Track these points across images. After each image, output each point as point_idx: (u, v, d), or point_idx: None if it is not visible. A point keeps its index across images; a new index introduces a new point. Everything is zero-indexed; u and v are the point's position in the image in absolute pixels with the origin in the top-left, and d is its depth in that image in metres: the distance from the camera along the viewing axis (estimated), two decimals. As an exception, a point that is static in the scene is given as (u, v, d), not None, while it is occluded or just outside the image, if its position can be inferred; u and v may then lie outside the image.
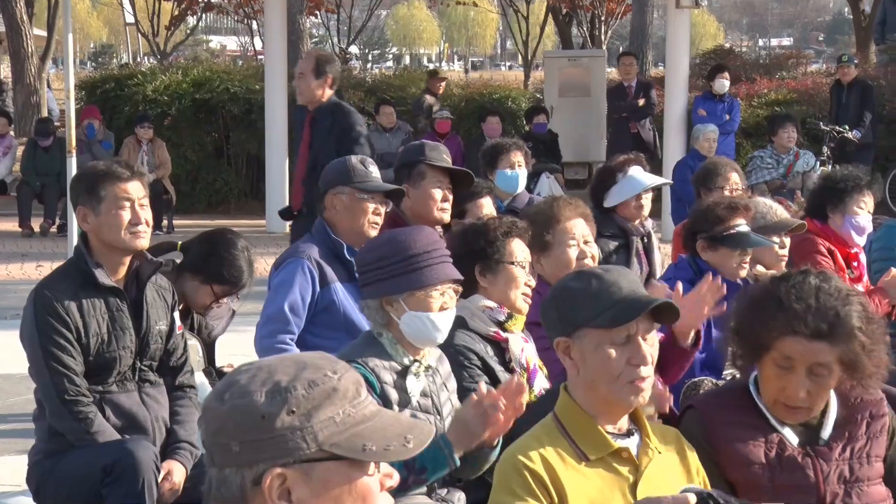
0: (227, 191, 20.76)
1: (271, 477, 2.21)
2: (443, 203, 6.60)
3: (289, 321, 5.84)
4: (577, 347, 3.59)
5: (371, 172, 6.10)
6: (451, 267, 4.57)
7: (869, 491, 3.91)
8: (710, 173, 8.26)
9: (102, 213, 5.27)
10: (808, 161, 14.96)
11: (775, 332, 3.86)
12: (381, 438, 2.26)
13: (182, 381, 5.57)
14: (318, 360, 2.30)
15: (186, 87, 20.76)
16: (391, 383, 4.44)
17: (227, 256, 6.15)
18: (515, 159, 8.31)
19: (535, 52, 35.99)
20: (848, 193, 7.13)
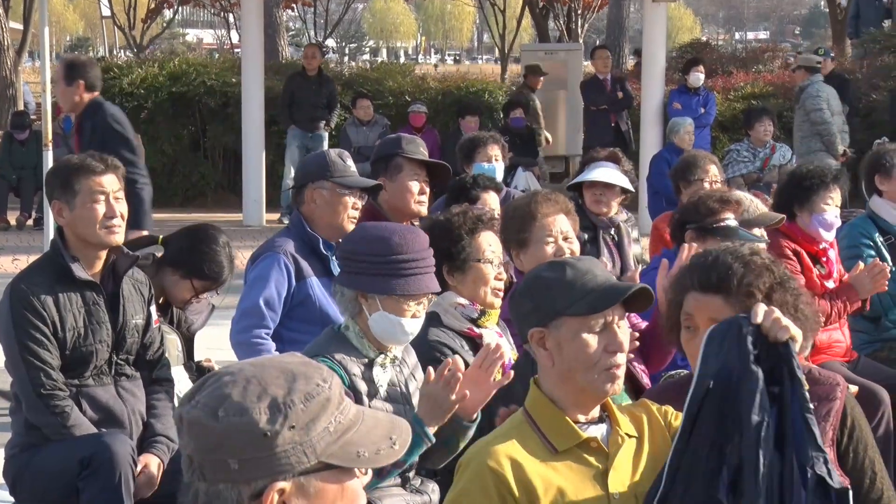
0: (203, 184, 20.73)
1: (273, 492, 2.20)
2: (420, 196, 6.61)
3: (264, 316, 5.84)
4: (553, 337, 3.60)
5: (349, 167, 6.12)
6: (433, 279, 4.60)
7: None
8: (689, 166, 8.29)
9: (77, 208, 5.27)
10: (785, 154, 14.96)
11: (678, 294, 3.89)
12: (370, 443, 2.27)
13: (159, 375, 5.57)
14: (306, 369, 2.28)
15: (163, 81, 20.72)
16: (359, 375, 4.47)
17: (208, 252, 6.15)
18: (492, 153, 8.34)
19: (511, 46, 35.96)
20: (814, 191, 7.08)
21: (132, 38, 35.63)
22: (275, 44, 24.16)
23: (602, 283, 3.63)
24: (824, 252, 7.10)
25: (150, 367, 5.55)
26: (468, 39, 77.63)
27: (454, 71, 29.40)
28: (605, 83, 18.37)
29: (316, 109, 18.30)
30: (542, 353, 3.63)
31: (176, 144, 20.64)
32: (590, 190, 7.82)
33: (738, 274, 3.80)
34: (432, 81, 22.31)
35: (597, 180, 7.82)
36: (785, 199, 7.18)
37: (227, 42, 43.11)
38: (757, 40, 49.89)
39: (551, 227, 5.65)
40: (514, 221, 5.71)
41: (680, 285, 3.92)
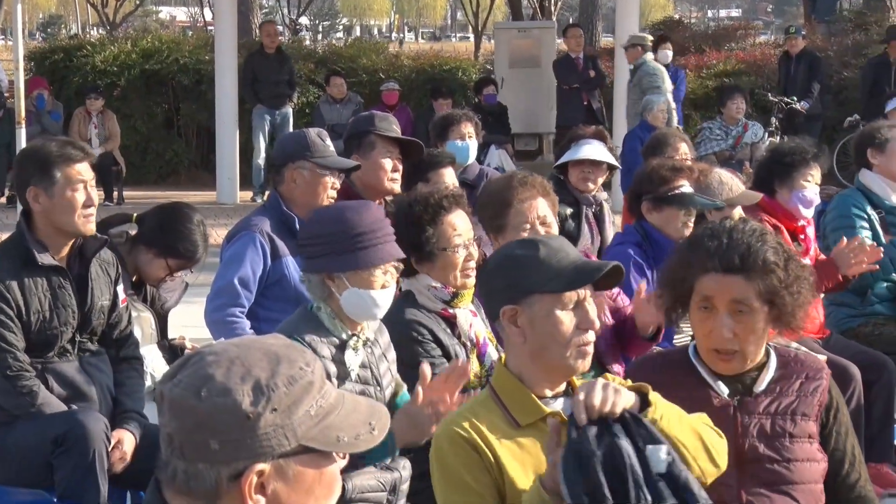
0: (177, 162, 20.71)
1: (252, 474, 2.20)
2: (393, 173, 6.60)
3: (239, 294, 5.84)
4: (525, 314, 3.60)
5: (329, 147, 6.12)
6: (394, 246, 4.59)
7: (793, 447, 3.91)
8: (659, 144, 8.35)
9: (56, 196, 5.21)
10: (757, 132, 15.02)
11: (693, 274, 3.90)
12: (350, 428, 2.26)
13: (127, 354, 5.56)
14: (289, 352, 2.28)
15: (136, 58, 20.68)
16: (329, 357, 4.45)
17: (183, 230, 6.14)
18: (466, 130, 8.33)
19: (485, 24, 35.96)
20: (795, 167, 7.14)
21: (105, 16, 35.49)
22: (248, 21, 24.06)
23: (574, 260, 3.65)
24: (802, 229, 7.15)
25: (118, 346, 5.53)
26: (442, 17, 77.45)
27: (428, 49, 29.33)
28: (577, 62, 18.38)
29: (279, 87, 18.36)
30: (513, 331, 3.63)
31: (149, 122, 20.62)
32: (577, 167, 7.82)
33: (760, 252, 3.85)
34: (406, 59, 22.30)
35: (585, 158, 7.84)
36: (765, 176, 7.22)
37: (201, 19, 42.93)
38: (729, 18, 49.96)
39: (528, 213, 5.56)
40: (491, 208, 5.66)
41: (691, 266, 3.93)
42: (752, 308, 3.86)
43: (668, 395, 3.87)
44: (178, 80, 20.56)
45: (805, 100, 17.16)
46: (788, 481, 3.88)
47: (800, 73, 17.66)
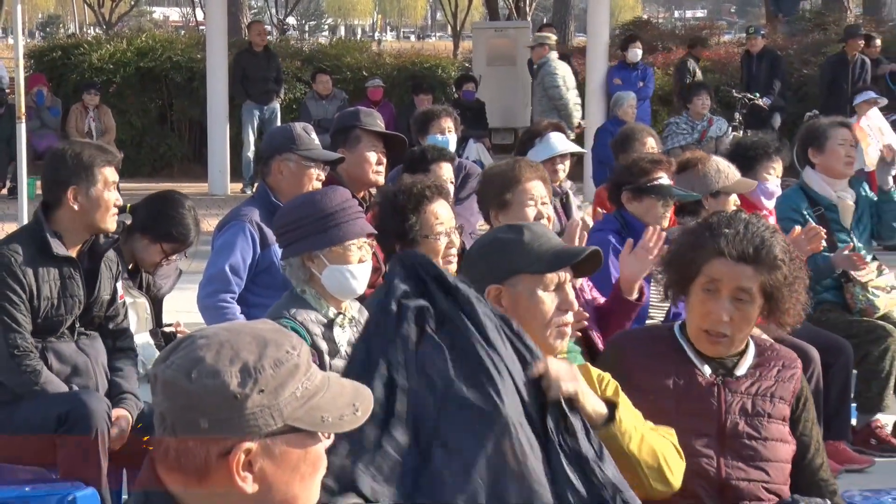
0: (170, 155, 20.66)
1: (240, 451, 2.21)
2: (377, 166, 6.62)
3: (230, 281, 5.85)
4: (509, 294, 3.65)
5: (314, 140, 6.18)
6: (364, 222, 4.65)
7: (769, 427, 3.95)
8: (627, 138, 8.36)
9: (94, 196, 5.31)
10: (721, 127, 15.06)
11: (705, 255, 3.92)
12: (334, 409, 2.27)
13: (123, 345, 5.61)
14: (277, 336, 2.29)
15: (131, 56, 20.63)
16: (320, 335, 4.49)
17: (175, 216, 6.15)
18: (445, 125, 8.34)
19: (463, 24, 35.96)
20: (758, 160, 7.21)
21: (101, 16, 35.39)
22: (238, 21, 24.03)
23: (556, 245, 3.71)
24: (765, 219, 7.17)
25: (114, 337, 5.58)
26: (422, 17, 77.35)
27: (409, 47, 29.34)
28: (551, 59, 18.35)
29: (267, 83, 18.40)
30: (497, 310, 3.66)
31: (144, 117, 20.57)
32: (548, 160, 7.83)
33: (773, 247, 3.89)
34: (388, 58, 22.29)
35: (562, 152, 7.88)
36: None
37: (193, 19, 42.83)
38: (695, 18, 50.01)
39: (533, 191, 5.68)
40: (496, 184, 5.74)
41: (703, 248, 3.95)
42: (752, 298, 3.90)
43: (653, 367, 3.90)
44: (171, 77, 20.52)
45: (766, 96, 17.20)
46: (764, 458, 3.93)
47: (762, 70, 17.69)
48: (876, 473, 6.79)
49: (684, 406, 3.90)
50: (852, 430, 7.21)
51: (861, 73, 17.36)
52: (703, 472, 3.86)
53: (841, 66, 17.58)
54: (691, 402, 3.92)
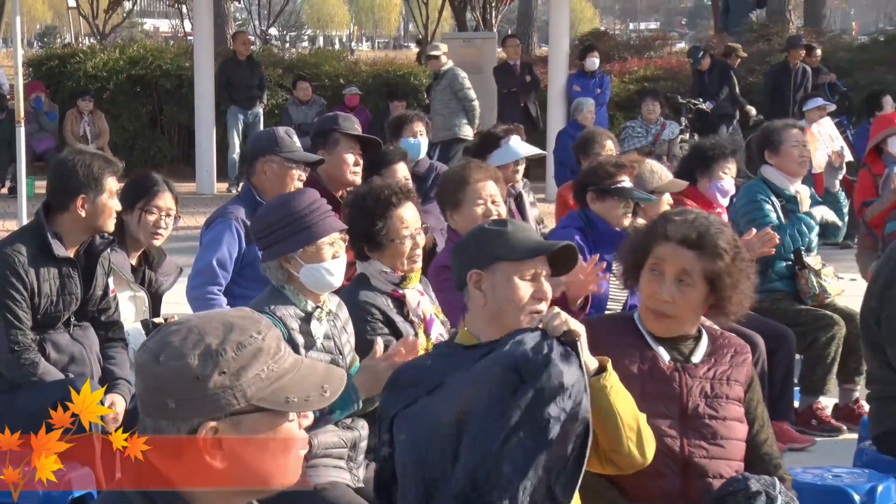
0: (161, 157, 20.57)
1: (205, 430, 2.20)
2: (354, 167, 6.62)
3: (216, 274, 5.85)
4: (489, 279, 3.70)
5: (295, 143, 6.19)
6: (334, 220, 4.61)
7: (727, 407, 3.99)
8: (588, 141, 8.39)
9: (100, 203, 5.32)
10: (673, 130, 15.11)
11: (652, 240, 3.99)
12: (301, 390, 2.25)
13: (114, 336, 5.60)
14: (244, 322, 2.28)
15: (123, 65, 20.55)
16: (297, 329, 4.46)
17: (139, 178, 6.12)
18: (417, 129, 8.33)
19: (433, 34, 35.89)
20: (715, 161, 7.27)
21: (96, 27, 35.16)
22: (223, 32, 23.94)
23: (536, 238, 3.82)
24: (719, 216, 7.21)
25: (106, 329, 5.57)
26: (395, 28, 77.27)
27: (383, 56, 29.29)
28: (515, 68, 18.37)
29: (251, 90, 18.38)
30: (476, 294, 3.73)
31: (136, 122, 20.49)
32: (507, 167, 7.74)
33: (715, 237, 3.94)
34: (364, 66, 22.25)
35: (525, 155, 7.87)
36: (689, 168, 7.33)
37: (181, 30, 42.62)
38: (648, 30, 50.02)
39: (482, 191, 5.76)
40: (450, 185, 5.85)
41: (653, 233, 4.02)
42: (694, 282, 3.94)
43: (619, 353, 3.93)
44: (161, 84, 20.45)
45: (710, 101, 17.21)
46: (722, 436, 3.96)
47: (713, 80, 17.72)
48: (817, 452, 6.82)
49: (648, 389, 3.92)
50: (795, 411, 7.25)
51: (803, 80, 17.42)
52: (668, 451, 3.89)
53: (784, 74, 17.63)
54: (655, 385, 3.95)
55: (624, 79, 20.46)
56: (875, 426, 5.33)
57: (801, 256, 7.32)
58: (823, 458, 6.27)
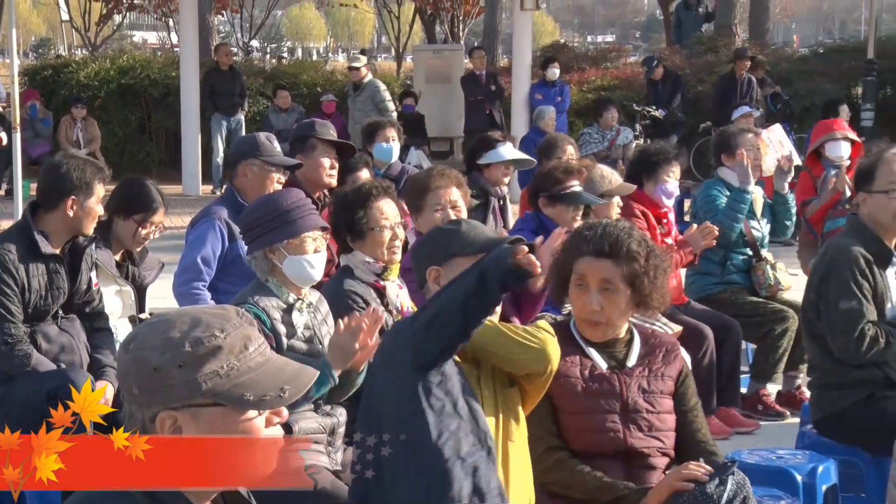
0: (149, 161, 20.47)
1: (162, 418, 2.19)
2: (330, 170, 6.64)
3: (201, 271, 5.83)
4: (446, 275, 3.74)
5: (275, 147, 6.19)
6: (317, 217, 4.65)
7: (661, 401, 4.03)
8: (551, 146, 8.41)
9: (87, 207, 5.30)
10: (627, 136, 15.17)
11: (573, 257, 4.02)
12: (260, 389, 2.20)
13: (99, 325, 5.58)
14: (211, 319, 2.24)
15: (114, 74, 20.45)
16: (280, 319, 4.47)
17: (138, 189, 6.06)
18: (390, 134, 8.33)
19: (405, 46, 35.87)
20: (659, 165, 7.29)
21: (87, 39, 34.97)
22: (207, 44, 23.82)
23: (489, 235, 3.86)
24: (665, 214, 7.28)
25: (91, 319, 5.55)
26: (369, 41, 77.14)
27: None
28: (481, 78, 18.37)
29: (233, 98, 18.34)
30: (435, 289, 3.76)
31: (125, 128, 20.39)
32: (498, 166, 7.81)
33: (626, 243, 3.97)
34: (340, 75, 22.21)
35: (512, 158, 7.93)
36: (636, 172, 7.35)
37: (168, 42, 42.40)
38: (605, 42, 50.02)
39: (442, 197, 5.73)
40: (413, 190, 5.85)
41: (571, 251, 4.05)
42: (616, 288, 3.98)
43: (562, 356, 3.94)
44: (149, 92, 20.36)
45: (662, 109, 17.26)
46: (659, 428, 4.00)
47: (666, 89, 17.77)
48: (762, 436, 6.84)
49: (591, 388, 3.97)
50: (742, 397, 7.27)
51: (748, 89, 17.48)
52: (612, 443, 3.95)
53: (730, 84, 17.69)
54: (596, 384, 3.99)
55: (582, 88, 20.49)
56: (816, 411, 5.35)
57: (757, 249, 7.39)
58: (768, 440, 6.30)
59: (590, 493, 3.88)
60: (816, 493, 4.83)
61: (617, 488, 3.86)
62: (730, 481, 3.75)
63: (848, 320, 5.05)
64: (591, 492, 3.88)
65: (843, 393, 5.17)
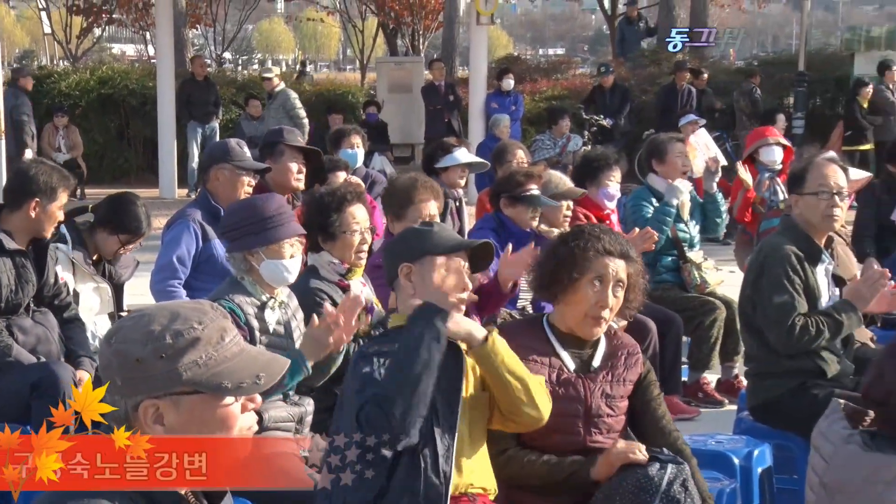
0: (128, 166, 20.38)
1: (145, 406, 2.18)
2: (298, 174, 6.62)
3: (177, 270, 5.80)
4: (418, 271, 3.74)
5: (245, 152, 6.17)
6: (296, 224, 4.65)
7: (620, 404, 4.04)
8: (503, 152, 8.42)
9: (49, 211, 5.29)
10: (577, 143, 15.18)
11: (592, 257, 3.94)
12: (236, 378, 2.21)
13: (70, 316, 5.55)
14: (189, 312, 2.24)
15: (94, 85, 20.34)
16: (253, 315, 4.46)
17: (129, 211, 6.06)
18: (354, 141, 8.34)
19: (368, 58, 35.79)
20: (601, 170, 7.34)
21: (69, 51, 34.70)
22: (182, 56, 23.70)
23: (458, 237, 3.90)
24: (607, 217, 7.30)
25: (61, 311, 5.53)
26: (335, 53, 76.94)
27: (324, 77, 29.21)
28: (440, 88, 18.38)
29: (208, 106, 18.30)
30: (406, 284, 3.76)
31: (105, 135, 20.28)
32: (455, 169, 7.84)
33: (628, 244, 4.04)
34: (307, 86, 22.16)
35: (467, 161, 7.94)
36: (580, 176, 7.36)
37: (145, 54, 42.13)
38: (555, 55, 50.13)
39: (423, 211, 5.68)
40: (397, 198, 5.77)
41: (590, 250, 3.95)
42: (623, 287, 3.98)
43: (532, 357, 3.93)
44: (127, 101, 20.25)
45: (609, 118, 17.29)
46: (615, 429, 4.02)
47: (615, 100, 17.80)
48: (702, 422, 6.88)
49: (558, 393, 3.94)
50: (683, 385, 7.31)
51: (688, 99, 17.56)
52: (572, 444, 3.95)
53: (671, 94, 17.77)
54: (563, 389, 3.97)
55: (535, 97, 20.52)
56: (752, 399, 5.37)
57: (683, 252, 7.41)
58: (708, 426, 6.32)
59: (543, 477, 3.88)
60: (752, 475, 4.85)
61: (566, 466, 3.87)
62: (669, 467, 3.77)
63: (781, 313, 5.08)
64: (545, 476, 3.88)
65: (777, 382, 5.19)
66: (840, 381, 5.13)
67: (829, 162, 5.34)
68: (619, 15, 26.46)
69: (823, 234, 5.29)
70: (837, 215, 5.22)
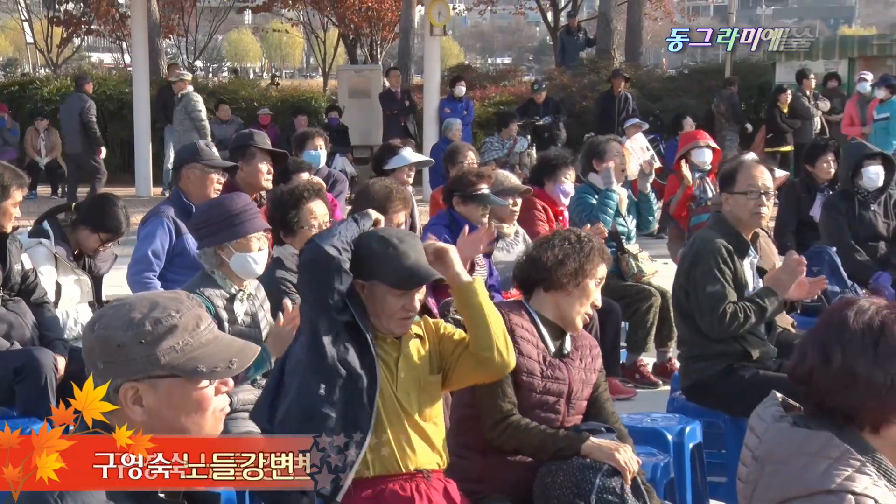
0: (105, 166, 20.17)
1: (125, 389, 2.17)
2: (267, 175, 6.60)
3: (151, 263, 5.77)
4: (369, 289, 3.59)
5: (214, 152, 6.21)
6: (261, 220, 4.65)
7: (588, 391, 4.10)
8: (454, 153, 8.40)
9: (3, 207, 5.22)
10: (523, 145, 15.21)
11: (595, 262, 4.02)
12: (210, 362, 2.20)
13: (37, 299, 5.46)
14: (167, 302, 2.23)
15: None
16: (223, 307, 4.46)
17: (110, 211, 6.00)
18: (317, 143, 8.30)
19: (330, 66, 35.67)
20: (558, 168, 7.38)
21: (50, 59, 34.32)
22: (157, 64, 23.50)
23: (411, 265, 3.56)
24: (561, 212, 7.35)
25: (29, 294, 5.44)
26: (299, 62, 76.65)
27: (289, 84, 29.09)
28: (396, 94, 18.33)
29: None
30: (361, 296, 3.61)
31: (84, 137, 20.05)
32: (402, 169, 7.78)
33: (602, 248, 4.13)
34: (274, 92, 22.07)
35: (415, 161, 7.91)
36: (538, 174, 7.43)
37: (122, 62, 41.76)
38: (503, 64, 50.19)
39: (395, 220, 5.57)
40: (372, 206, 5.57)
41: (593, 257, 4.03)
42: None
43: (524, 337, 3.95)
44: (105, 106, 20.05)
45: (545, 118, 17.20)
46: (582, 411, 4.07)
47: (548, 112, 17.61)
48: (638, 401, 6.91)
49: (546, 373, 3.98)
50: (622, 367, 7.33)
51: (625, 104, 17.61)
52: (553, 422, 3.97)
53: (609, 100, 17.82)
54: (550, 370, 3.99)
55: (484, 103, 20.54)
56: (684, 380, 5.40)
57: (622, 244, 7.44)
58: (644, 405, 6.35)
59: (536, 446, 3.88)
60: (684, 450, 4.87)
61: (560, 439, 3.88)
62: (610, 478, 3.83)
63: (714, 301, 5.11)
64: (537, 445, 3.87)
65: (707, 364, 5.22)
66: (764, 364, 5.17)
67: (757, 164, 5.39)
68: (560, 27, 26.49)
69: (751, 229, 5.32)
70: (764, 213, 5.26)
